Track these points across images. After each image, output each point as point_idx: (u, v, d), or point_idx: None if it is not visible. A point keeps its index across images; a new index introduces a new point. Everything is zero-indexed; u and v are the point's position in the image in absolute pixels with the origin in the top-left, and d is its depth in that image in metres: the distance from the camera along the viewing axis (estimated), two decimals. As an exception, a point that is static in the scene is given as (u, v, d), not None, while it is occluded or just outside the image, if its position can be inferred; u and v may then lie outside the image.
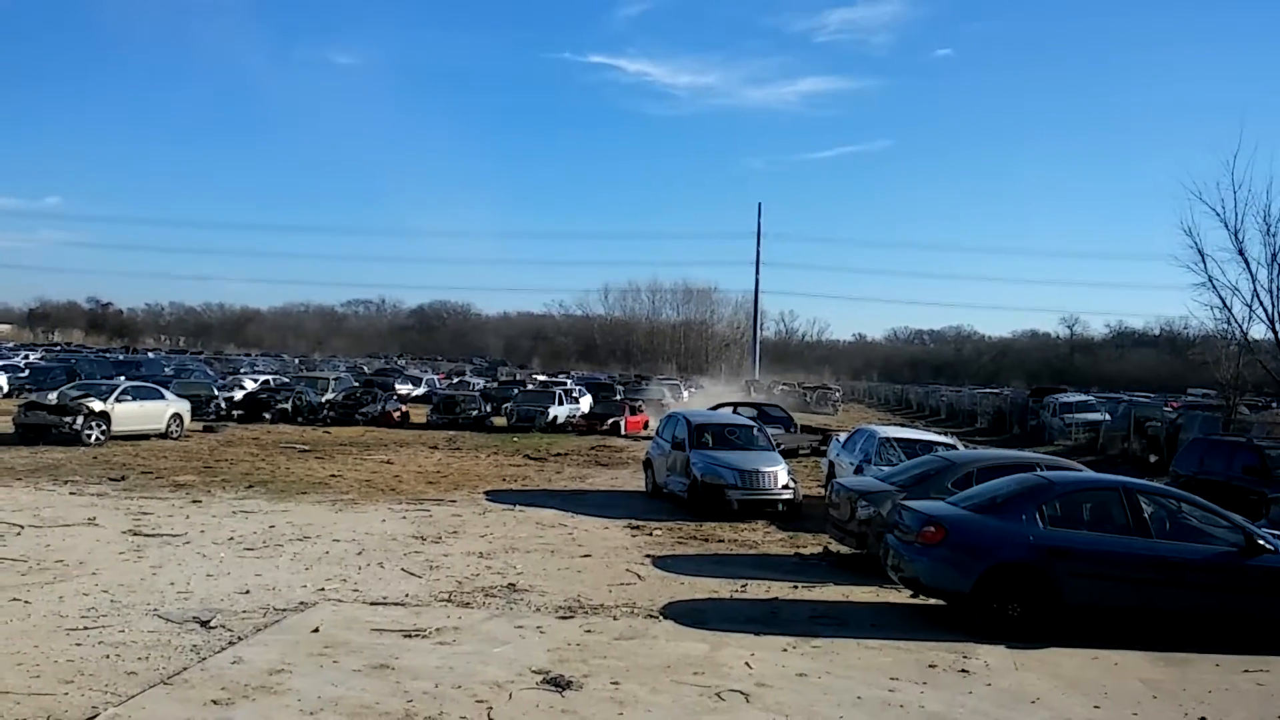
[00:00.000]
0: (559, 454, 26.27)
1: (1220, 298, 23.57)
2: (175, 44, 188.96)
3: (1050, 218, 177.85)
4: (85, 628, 8.18)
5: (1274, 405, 30.72)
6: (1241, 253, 22.82)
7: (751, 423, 20.43)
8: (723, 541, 14.00)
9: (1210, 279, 23.43)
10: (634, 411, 36.72)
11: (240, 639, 8.01)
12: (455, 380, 60.24)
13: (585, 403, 40.43)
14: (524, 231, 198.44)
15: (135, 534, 12.47)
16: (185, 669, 7.17)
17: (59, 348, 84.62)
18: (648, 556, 12.58)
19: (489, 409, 36.42)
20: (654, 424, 28.10)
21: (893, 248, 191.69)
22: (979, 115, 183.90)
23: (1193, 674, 8.27)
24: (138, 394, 25.43)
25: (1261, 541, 9.39)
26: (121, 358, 61.77)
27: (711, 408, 30.87)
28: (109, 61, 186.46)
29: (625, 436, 33.08)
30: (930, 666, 8.07)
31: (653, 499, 18.32)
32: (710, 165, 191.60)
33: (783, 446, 21.67)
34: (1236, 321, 23.92)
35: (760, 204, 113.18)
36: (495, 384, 55.15)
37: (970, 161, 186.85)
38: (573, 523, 15.05)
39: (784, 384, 76.17)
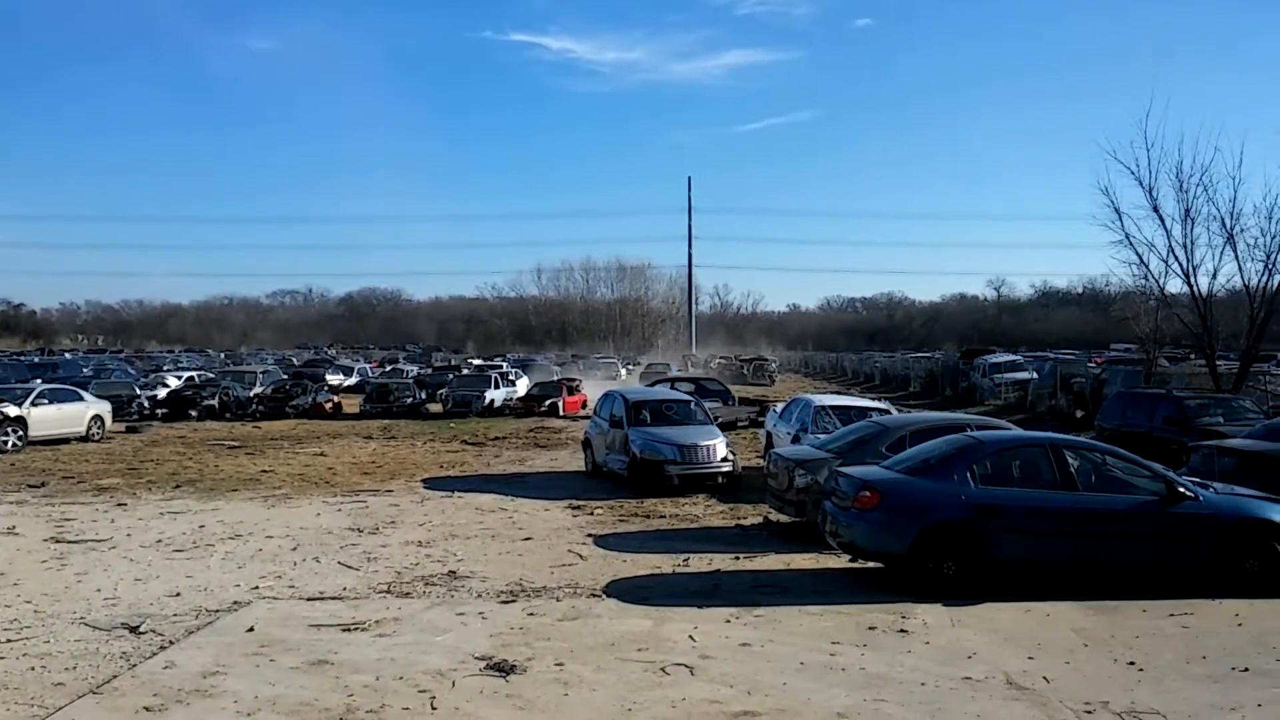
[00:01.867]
0: (497, 438, 26.08)
1: (1137, 254, 24.22)
2: (82, 32, 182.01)
3: (975, 181, 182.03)
4: (8, 640, 7.89)
5: (1192, 357, 31.70)
6: (1156, 209, 23.48)
7: (688, 397, 20.49)
8: (664, 517, 14.02)
9: (1127, 236, 24.06)
10: (572, 391, 36.62)
11: (172, 643, 7.79)
12: (388, 368, 59.31)
13: (522, 385, 40.19)
14: (454, 214, 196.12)
15: (58, 541, 12.07)
16: (115, 677, 6.95)
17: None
18: (589, 536, 12.55)
19: (424, 396, 35.98)
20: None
21: (823, 217, 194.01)
22: (901, 83, 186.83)
23: (1121, 620, 8.52)
24: (55, 397, 24.57)
25: (1182, 489, 9.70)
26: (37, 360, 59.51)
27: (648, 384, 30.93)
28: (12, 54, 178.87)
29: (564, 417, 32.95)
30: (870, 629, 8.19)
31: (593, 478, 18.29)
32: (640, 140, 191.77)
33: (720, 419, 21.79)
34: (1154, 277, 24.60)
35: (690, 178, 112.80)
36: (429, 370, 54.46)
37: (895, 129, 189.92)
38: (513, 506, 14.95)
39: (720, 357, 76.66)
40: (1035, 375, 36.91)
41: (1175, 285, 24.50)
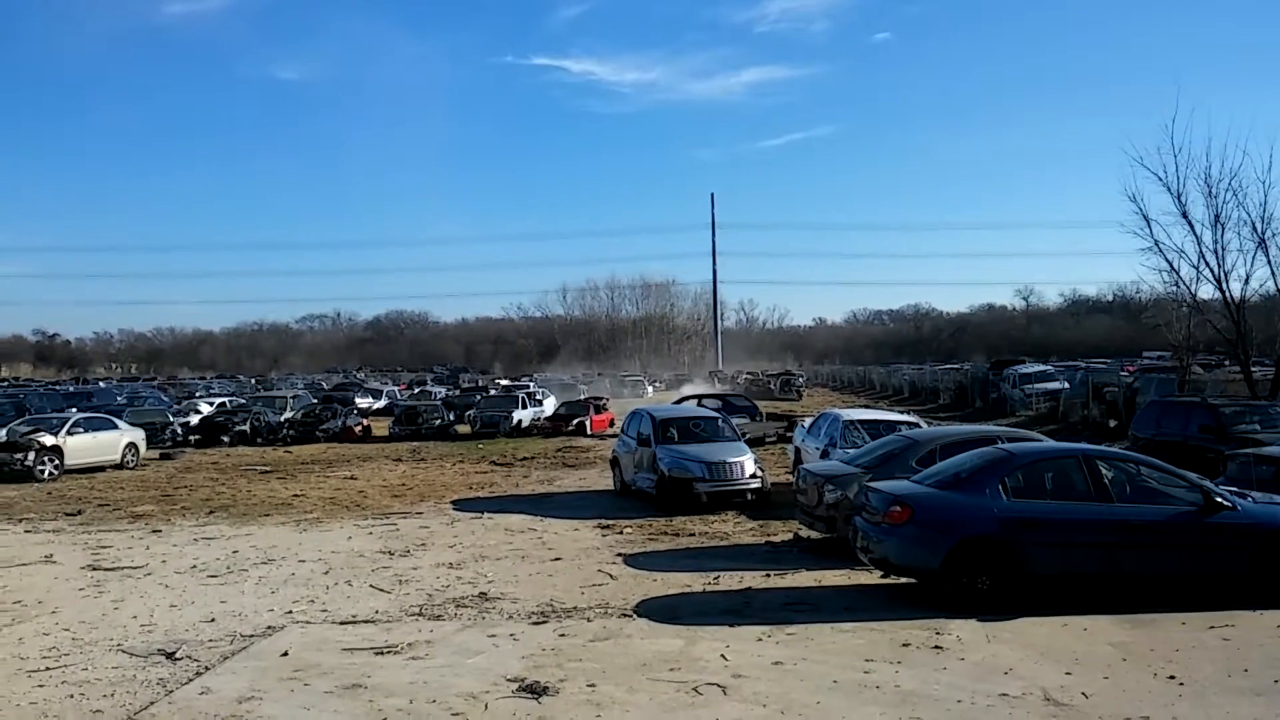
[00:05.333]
0: (525, 458, 26.13)
1: (1167, 260, 23.96)
2: (109, 67, 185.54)
3: (1000, 190, 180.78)
4: (47, 668, 7.97)
5: (1226, 364, 31.26)
6: (1185, 215, 23.23)
7: (716, 414, 20.45)
8: (693, 535, 13.98)
9: (1156, 243, 23.81)
10: (599, 410, 36.67)
11: (207, 669, 7.86)
12: (416, 390, 59.57)
13: (549, 405, 40.27)
14: (479, 236, 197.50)
15: (94, 569, 12.20)
16: (152, 704, 7.01)
17: (6, 383, 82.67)
18: (619, 555, 12.53)
19: (452, 417, 36.07)
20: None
21: (848, 230, 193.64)
22: (922, 96, 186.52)
23: (1160, 634, 8.38)
24: (90, 425, 24.90)
25: (1219, 499, 9.54)
26: (72, 389, 60.23)
27: (676, 401, 30.93)
28: (40, 88, 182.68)
29: (591, 436, 32.99)
30: (904, 645, 8.11)
31: (621, 497, 18.27)
32: (662, 160, 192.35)
33: (748, 435, 21.73)
34: (1184, 283, 24.30)
35: (713, 195, 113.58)
36: (457, 392, 54.68)
37: (917, 141, 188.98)
38: (542, 526, 14.97)
39: (747, 372, 76.52)
40: (1067, 385, 36.42)
41: (1207, 291, 24.21)
